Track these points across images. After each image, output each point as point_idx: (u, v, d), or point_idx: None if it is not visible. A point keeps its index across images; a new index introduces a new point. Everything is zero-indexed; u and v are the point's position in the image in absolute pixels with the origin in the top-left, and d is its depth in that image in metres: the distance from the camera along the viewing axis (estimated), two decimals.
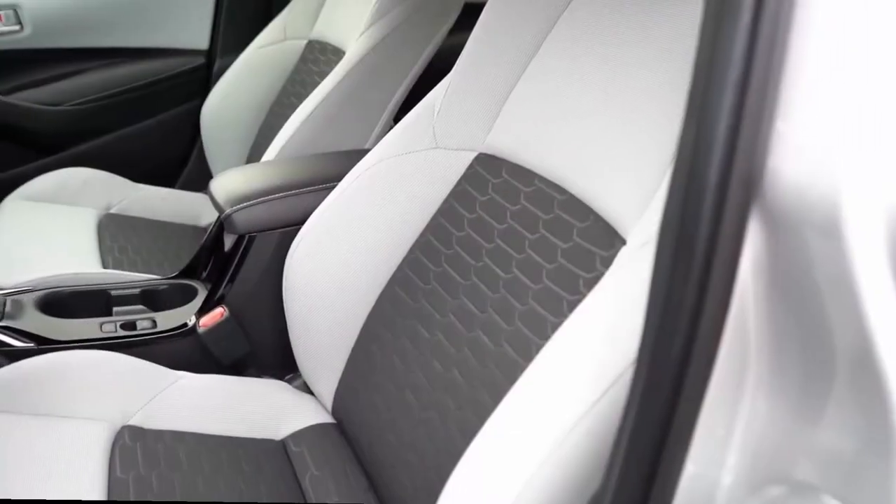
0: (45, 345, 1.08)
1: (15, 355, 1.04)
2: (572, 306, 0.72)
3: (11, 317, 1.10)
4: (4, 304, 1.12)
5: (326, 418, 1.04)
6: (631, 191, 0.71)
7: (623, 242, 0.71)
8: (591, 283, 0.71)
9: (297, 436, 1.00)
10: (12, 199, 1.61)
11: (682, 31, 0.73)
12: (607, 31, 0.81)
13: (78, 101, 1.87)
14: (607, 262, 0.71)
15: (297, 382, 1.13)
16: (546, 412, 0.61)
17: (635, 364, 0.49)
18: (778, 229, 0.44)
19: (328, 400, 1.03)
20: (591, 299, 0.66)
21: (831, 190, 0.41)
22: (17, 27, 1.80)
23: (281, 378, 1.15)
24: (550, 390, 0.62)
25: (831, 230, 0.41)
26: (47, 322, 1.12)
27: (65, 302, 1.18)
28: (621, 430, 0.50)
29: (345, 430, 1.01)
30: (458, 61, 0.99)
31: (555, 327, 0.73)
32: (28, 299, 1.16)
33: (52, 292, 1.19)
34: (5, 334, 1.07)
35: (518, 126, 0.89)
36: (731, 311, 0.46)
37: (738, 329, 0.47)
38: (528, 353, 0.75)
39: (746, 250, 0.45)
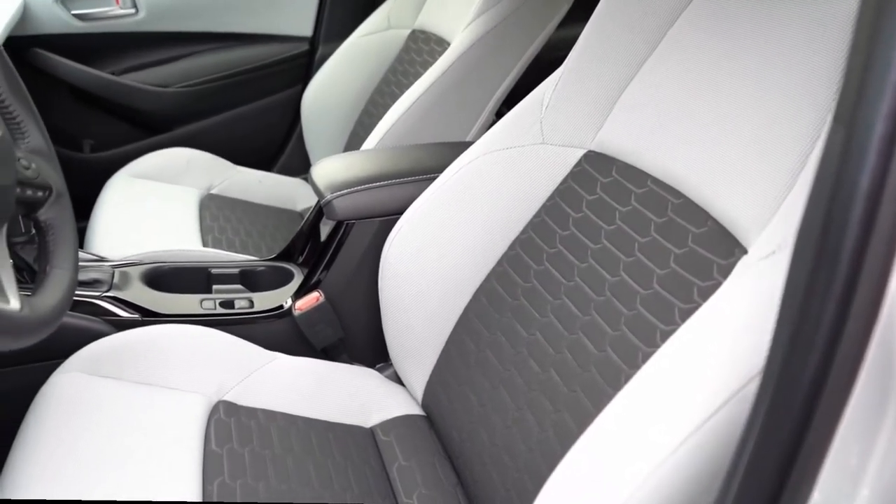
0: (148, 317, 1.11)
1: (121, 325, 1.08)
2: (685, 315, 0.69)
3: (119, 288, 1.15)
4: (113, 276, 1.16)
5: (416, 410, 1.04)
6: (754, 197, 0.68)
7: (744, 251, 0.67)
8: (707, 293, 0.68)
9: (386, 425, 1.00)
10: (120, 175, 1.67)
11: (814, 30, 0.69)
12: (730, 29, 0.78)
13: (185, 84, 1.93)
14: (726, 271, 0.67)
15: (388, 372, 1.13)
16: (654, 424, 0.58)
17: (761, 381, 0.46)
18: None
19: (418, 391, 1.03)
20: (707, 309, 0.63)
21: None
22: (132, 10, 1.87)
23: (372, 366, 1.16)
24: (660, 401, 0.59)
25: None
26: (151, 295, 1.16)
27: (168, 277, 1.22)
28: (740, 450, 0.47)
29: (434, 423, 1.00)
30: (570, 55, 0.97)
31: (665, 336, 0.70)
32: (134, 272, 1.20)
33: (156, 267, 1.23)
34: (113, 304, 1.11)
35: (631, 125, 0.86)
36: (876, 332, 0.43)
37: (882, 351, 0.43)
38: (633, 361, 0.72)
39: None
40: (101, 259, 1.24)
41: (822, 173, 0.42)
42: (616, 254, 0.81)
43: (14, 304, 0.65)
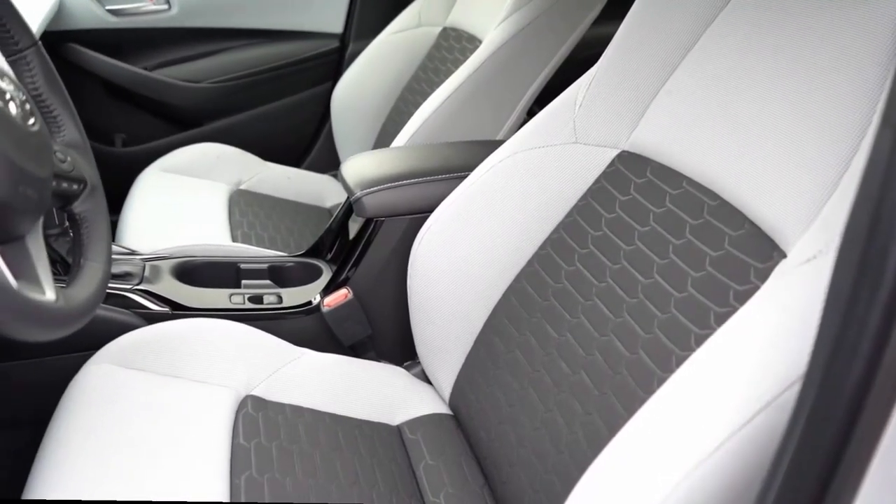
0: (178, 310, 1.12)
1: (151, 318, 1.09)
2: (721, 319, 0.68)
3: (149, 281, 1.15)
4: (144, 269, 1.17)
5: (443, 409, 1.04)
6: (794, 200, 0.66)
7: (783, 255, 0.66)
8: (744, 297, 0.67)
9: (413, 423, 1.00)
10: (151, 170, 1.69)
11: (859, 32, 0.67)
12: (772, 30, 0.76)
13: (216, 80, 1.95)
14: (763, 275, 0.66)
15: (416, 370, 1.13)
16: (688, 428, 0.57)
17: (801, 387, 0.45)
18: None
19: (446, 390, 1.03)
20: (743, 313, 0.62)
21: None
22: (165, 6, 1.89)
23: (399, 364, 1.16)
24: (694, 406, 0.58)
25: None
26: (181, 289, 1.17)
27: (197, 271, 1.23)
28: (778, 458, 0.46)
29: (462, 423, 1.00)
30: (604, 54, 0.96)
31: (700, 340, 0.69)
32: (165, 266, 1.21)
33: (186, 261, 1.23)
34: (143, 297, 1.12)
35: (667, 125, 0.84)
36: None
37: None
38: (666, 364, 0.71)
39: None
40: (133, 252, 1.25)
41: (869, 176, 0.41)
42: (650, 255, 0.80)
43: (50, 295, 0.65)
